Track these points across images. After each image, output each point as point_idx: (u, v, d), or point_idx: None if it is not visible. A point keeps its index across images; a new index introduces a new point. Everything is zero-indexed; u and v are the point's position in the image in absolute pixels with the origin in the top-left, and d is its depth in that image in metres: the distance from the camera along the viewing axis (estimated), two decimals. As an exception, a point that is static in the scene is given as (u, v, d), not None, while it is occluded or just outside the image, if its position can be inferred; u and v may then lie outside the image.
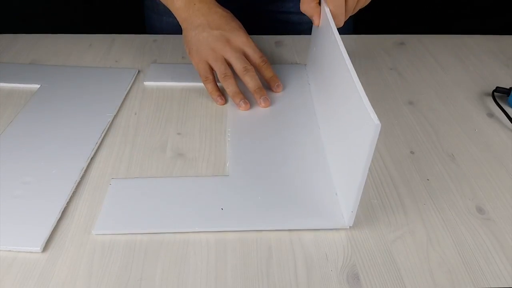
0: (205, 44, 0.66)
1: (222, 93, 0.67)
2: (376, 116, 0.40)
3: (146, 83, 0.72)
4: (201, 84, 0.70)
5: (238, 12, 0.94)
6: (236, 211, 0.49)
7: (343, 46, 0.50)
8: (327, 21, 0.58)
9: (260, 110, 0.66)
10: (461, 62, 0.80)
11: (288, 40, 0.86)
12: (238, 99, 0.65)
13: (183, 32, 0.70)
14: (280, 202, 0.50)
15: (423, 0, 1.60)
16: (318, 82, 0.66)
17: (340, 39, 0.52)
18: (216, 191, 0.52)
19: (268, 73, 0.69)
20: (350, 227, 0.48)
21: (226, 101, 0.67)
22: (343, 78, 0.49)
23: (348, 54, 0.49)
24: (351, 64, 0.47)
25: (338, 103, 0.52)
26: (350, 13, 0.61)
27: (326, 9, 0.59)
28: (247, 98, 0.66)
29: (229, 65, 0.67)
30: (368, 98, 0.42)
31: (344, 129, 0.49)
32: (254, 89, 0.66)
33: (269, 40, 0.86)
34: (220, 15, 0.68)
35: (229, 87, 0.66)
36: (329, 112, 0.57)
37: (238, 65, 0.66)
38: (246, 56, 0.68)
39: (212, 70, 0.68)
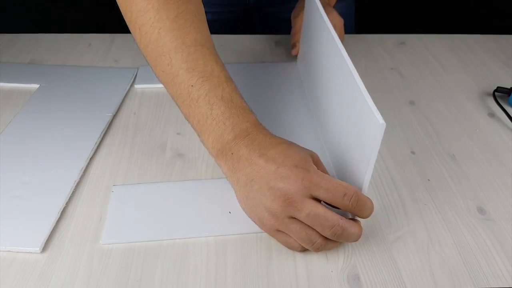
0: (263, 210, 0.44)
1: None
2: (380, 116, 0.40)
3: (137, 86, 0.71)
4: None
5: (238, 16, 0.95)
6: (243, 214, 0.48)
7: (343, 47, 0.50)
8: (320, 18, 0.58)
9: (258, 110, 0.66)
10: (462, 62, 0.80)
11: (288, 39, 0.85)
12: None
13: (232, 186, 0.48)
14: None
15: (424, -1, 1.60)
16: (313, 80, 0.66)
17: (339, 39, 0.52)
18: (220, 195, 0.51)
19: (347, 238, 0.43)
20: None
21: None
22: (344, 79, 0.48)
23: (348, 53, 0.49)
24: (353, 65, 0.46)
25: (338, 103, 0.52)
26: None
27: (318, 4, 0.58)
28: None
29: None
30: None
31: (347, 130, 0.49)
32: None
33: (269, 40, 0.85)
34: (267, 160, 0.44)
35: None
36: (328, 113, 0.57)
37: (306, 243, 0.43)
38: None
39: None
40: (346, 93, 0.48)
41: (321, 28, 0.58)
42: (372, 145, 0.41)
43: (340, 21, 0.74)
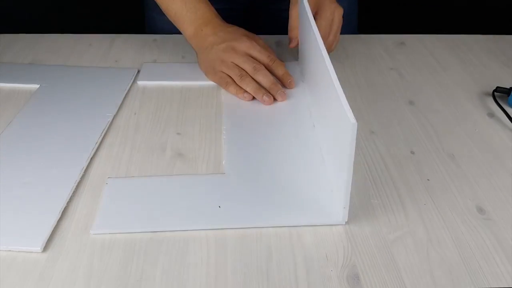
0: (216, 59, 0.69)
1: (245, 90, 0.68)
2: (352, 115, 0.40)
3: (140, 83, 0.72)
4: (199, 83, 0.71)
5: (241, 12, 0.95)
6: (233, 209, 0.49)
7: (323, 44, 0.51)
8: (307, 19, 0.58)
9: (256, 108, 0.66)
10: (462, 62, 0.80)
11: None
12: (261, 94, 0.66)
13: (197, 57, 0.74)
14: (276, 199, 0.50)
15: (424, -1, 1.60)
16: (308, 79, 0.67)
17: (320, 37, 0.53)
18: (213, 189, 0.52)
19: (279, 71, 0.69)
20: (349, 225, 0.48)
21: (252, 97, 0.68)
22: (324, 77, 0.49)
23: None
24: (330, 62, 0.48)
25: (323, 101, 0.53)
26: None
27: (306, 6, 0.59)
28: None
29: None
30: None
31: (330, 127, 0.50)
32: (268, 85, 0.67)
33: (269, 40, 0.85)
34: (225, 32, 0.71)
35: (249, 85, 0.67)
36: (319, 111, 0.58)
37: (247, 67, 0.67)
38: (254, 59, 0.69)
39: (229, 75, 0.69)
40: (327, 92, 0.49)
41: (307, 27, 0.58)
42: (349, 144, 0.41)
43: (339, 11, 0.73)
